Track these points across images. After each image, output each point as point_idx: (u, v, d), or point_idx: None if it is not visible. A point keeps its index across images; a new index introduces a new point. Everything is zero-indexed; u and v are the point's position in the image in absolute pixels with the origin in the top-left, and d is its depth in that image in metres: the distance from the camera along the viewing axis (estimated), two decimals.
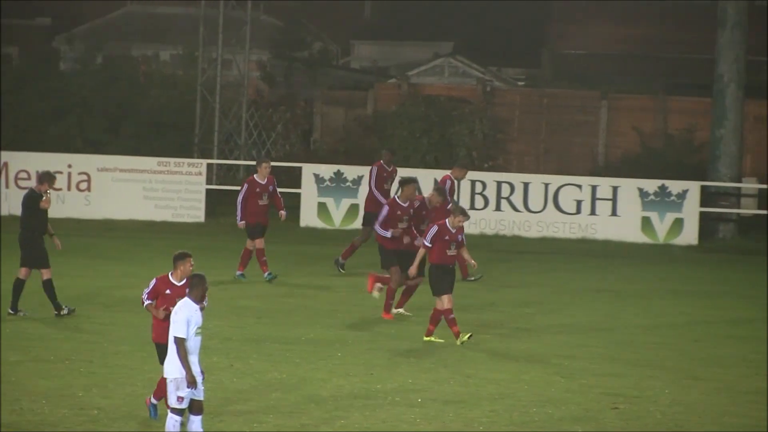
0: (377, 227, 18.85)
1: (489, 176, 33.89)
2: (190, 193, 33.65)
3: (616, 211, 34.28)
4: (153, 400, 12.37)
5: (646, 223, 34.27)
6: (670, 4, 49.83)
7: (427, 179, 31.55)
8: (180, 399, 11.44)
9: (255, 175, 25.27)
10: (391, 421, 12.41)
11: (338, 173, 33.09)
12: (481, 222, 32.63)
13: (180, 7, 55.48)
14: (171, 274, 12.44)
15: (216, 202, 32.77)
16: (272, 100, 40.05)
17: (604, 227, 34.19)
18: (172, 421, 11.54)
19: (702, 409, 13.96)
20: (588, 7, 50.77)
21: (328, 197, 33.07)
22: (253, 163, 31.77)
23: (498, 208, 33.50)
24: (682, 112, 39.20)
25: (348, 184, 33.03)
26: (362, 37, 62.36)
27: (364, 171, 31.18)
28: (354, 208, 31.82)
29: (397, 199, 19.34)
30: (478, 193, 33.22)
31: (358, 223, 29.63)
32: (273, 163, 30.68)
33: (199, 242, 28.28)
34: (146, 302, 12.49)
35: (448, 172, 25.47)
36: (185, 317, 11.35)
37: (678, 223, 34.12)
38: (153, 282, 12.57)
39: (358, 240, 25.46)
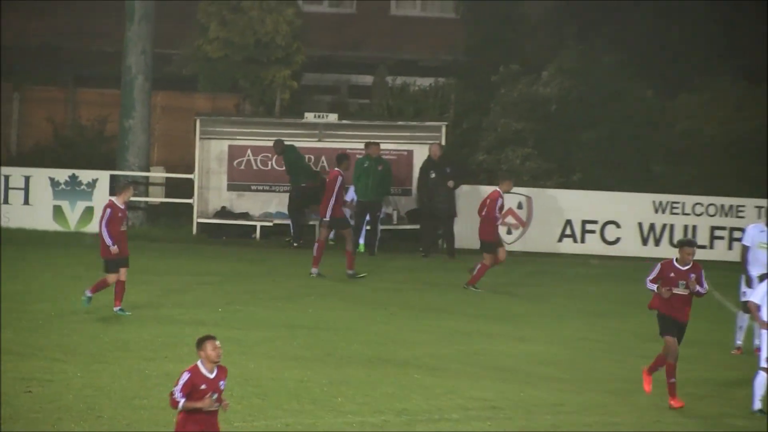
0: (647, 282, 15.77)
1: None
2: None
3: (28, 200, 33.97)
4: None
5: (58, 211, 34.14)
6: None
7: None
8: None
9: (114, 199, 23.19)
10: None
11: None
12: None
13: None
14: (201, 364, 10.95)
15: None
16: None
17: (16, 216, 33.80)
18: None
19: (113, 392, 14.24)
20: None
21: None
22: None
23: None
24: (94, 103, 39.04)
25: None
26: None
27: None
28: None
29: (675, 262, 15.81)
30: None
31: None
32: None
33: None
34: (181, 402, 10.77)
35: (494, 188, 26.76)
36: None
37: (89, 212, 33.92)
38: (185, 376, 10.85)
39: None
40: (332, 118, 35.43)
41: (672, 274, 15.31)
